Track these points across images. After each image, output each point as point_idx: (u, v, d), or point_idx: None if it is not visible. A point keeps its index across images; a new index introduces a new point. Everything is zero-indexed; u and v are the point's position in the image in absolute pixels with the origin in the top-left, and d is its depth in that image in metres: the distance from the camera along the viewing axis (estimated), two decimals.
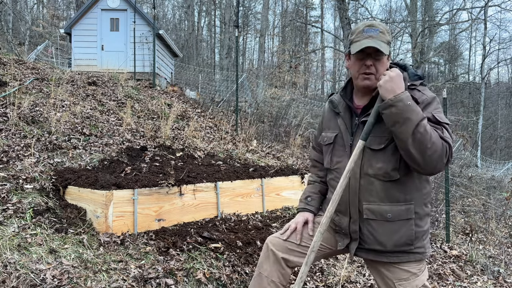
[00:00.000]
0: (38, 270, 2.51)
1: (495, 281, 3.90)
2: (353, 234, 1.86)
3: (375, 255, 1.83)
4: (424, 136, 1.58)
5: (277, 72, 20.78)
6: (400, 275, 1.81)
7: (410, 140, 1.60)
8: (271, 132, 9.03)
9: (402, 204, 1.75)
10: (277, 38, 31.74)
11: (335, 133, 1.92)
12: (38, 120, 5.08)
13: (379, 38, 1.72)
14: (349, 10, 16.90)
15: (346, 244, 1.90)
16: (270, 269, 1.98)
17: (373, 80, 1.76)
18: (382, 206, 1.76)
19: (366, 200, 1.78)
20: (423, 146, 1.58)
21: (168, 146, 5.52)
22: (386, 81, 1.65)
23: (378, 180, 1.75)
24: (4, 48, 14.62)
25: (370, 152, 1.76)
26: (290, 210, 4.64)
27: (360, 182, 1.79)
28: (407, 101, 1.61)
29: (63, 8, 28.53)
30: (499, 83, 34.58)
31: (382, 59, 1.75)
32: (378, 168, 1.74)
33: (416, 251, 1.79)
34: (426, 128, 1.59)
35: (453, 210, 7.12)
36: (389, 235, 1.76)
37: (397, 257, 1.79)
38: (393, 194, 1.75)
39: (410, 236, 1.76)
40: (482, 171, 17.53)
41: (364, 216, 1.79)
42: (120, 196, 3.24)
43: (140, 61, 11.90)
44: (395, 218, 1.75)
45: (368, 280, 3.39)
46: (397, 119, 1.61)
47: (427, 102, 1.72)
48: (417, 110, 1.61)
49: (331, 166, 1.93)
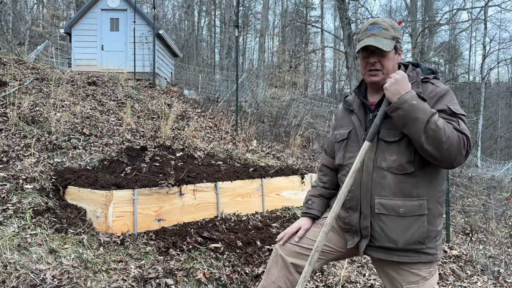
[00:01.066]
0: (38, 270, 2.51)
1: (495, 281, 3.90)
2: (363, 230, 1.80)
3: (386, 253, 1.77)
4: (437, 132, 1.56)
5: (277, 72, 20.78)
6: (410, 278, 1.76)
7: (423, 138, 1.59)
8: (271, 132, 9.03)
9: (415, 199, 1.71)
10: (277, 38, 31.75)
11: (349, 129, 1.91)
12: (38, 120, 5.08)
13: (381, 35, 1.73)
14: (349, 10, 16.91)
15: (356, 242, 1.84)
16: (277, 274, 1.96)
17: (380, 76, 1.77)
18: (394, 201, 1.72)
19: (378, 194, 1.75)
20: (438, 142, 1.57)
21: (168, 146, 5.52)
22: (391, 83, 1.66)
23: (391, 173, 1.72)
24: (4, 48, 14.62)
25: (384, 145, 1.74)
26: (290, 210, 4.64)
27: (372, 175, 1.76)
28: (411, 101, 1.60)
29: (63, 8, 28.53)
30: (499, 83, 34.57)
31: (387, 55, 1.75)
32: (392, 161, 1.72)
33: (428, 251, 1.74)
34: (437, 124, 1.57)
35: (453, 210, 7.12)
36: (401, 232, 1.72)
37: (408, 256, 1.74)
38: (406, 188, 1.72)
39: (422, 234, 1.71)
40: (482, 171, 17.52)
41: (376, 211, 1.75)
42: (120, 196, 3.23)
43: (140, 61, 11.90)
44: (408, 214, 1.71)
45: (368, 280, 3.39)
46: (406, 120, 1.61)
47: (441, 94, 1.70)
48: (425, 108, 1.60)
49: (343, 162, 1.90)
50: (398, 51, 1.80)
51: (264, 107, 11.13)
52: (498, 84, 34.47)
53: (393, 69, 1.79)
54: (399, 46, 1.80)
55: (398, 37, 1.78)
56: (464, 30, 26.03)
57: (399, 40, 1.79)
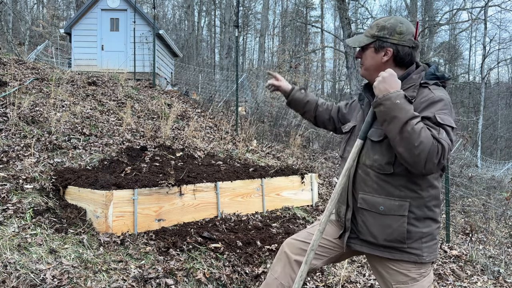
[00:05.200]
0: (38, 270, 2.51)
1: (495, 281, 3.90)
2: (347, 222, 1.87)
3: (369, 247, 1.83)
4: (411, 135, 1.56)
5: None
6: (399, 278, 1.79)
7: (397, 139, 1.60)
8: (271, 132, 9.03)
9: (396, 199, 1.74)
10: (277, 38, 31.74)
11: (354, 124, 1.97)
12: (38, 120, 5.08)
13: (364, 33, 1.87)
14: (349, 10, 16.91)
15: (340, 234, 1.92)
16: (280, 271, 1.98)
17: (362, 70, 1.91)
18: (375, 198, 1.77)
19: (362, 190, 1.81)
20: (410, 145, 1.56)
21: (168, 146, 5.52)
22: (379, 81, 1.68)
23: (374, 171, 1.77)
24: (4, 48, 14.62)
25: (370, 143, 1.79)
26: (290, 210, 4.64)
27: (357, 171, 1.82)
28: (395, 100, 1.61)
29: (63, 8, 28.54)
30: (499, 83, 34.56)
31: (365, 52, 1.86)
32: (374, 160, 1.76)
33: (411, 251, 1.75)
34: (414, 127, 1.56)
35: (453, 210, 7.12)
36: (381, 228, 1.76)
37: (389, 252, 1.78)
38: (387, 187, 1.75)
39: (402, 234, 1.73)
40: (482, 171, 17.53)
41: (359, 205, 1.81)
42: (120, 196, 3.24)
43: (140, 61, 11.90)
44: (387, 212, 1.75)
45: (368, 280, 3.39)
46: (385, 117, 1.63)
47: (431, 101, 1.68)
48: (407, 109, 1.60)
49: (342, 153, 1.98)
50: (386, 50, 1.79)
51: (264, 107, 11.13)
52: (498, 84, 34.47)
53: (376, 67, 1.82)
54: (383, 44, 1.79)
55: (380, 36, 1.79)
56: (464, 30, 26.05)
57: (383, 39, 1.78)
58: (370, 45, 1.83)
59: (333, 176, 6.99)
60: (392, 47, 1.79)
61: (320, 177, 6.47)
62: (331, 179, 6.67)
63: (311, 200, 5.11)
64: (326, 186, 6.20)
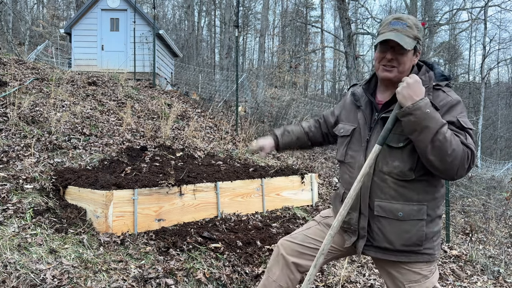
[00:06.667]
0: (38, 270, 2.51)
1: (495, 281, 3.90)
2: (361, 230, 1.81)
3: (384, 253, 1.79)
4: (444, 144, 1.54)
5: (277, 72, 20.79)
6: (411, 277, 1.78)
7: (429, 148, 1.57)
8: (271, 132, 9.01)
9: (414, 204, 1.71)
10: (277, 38, 31.75)
11: (354, 127, 1.88)
12: (38, 120, 5.08)
13: (404, 32, 1.68)
14: (349, 10, 16.89)
15: (353, 242, 1.86)
16: (278, 274, 1.97)
17: (395, 73, 1.73)
18: (393, 204, 1.73)
19: (378, 197, 1.75)
20: (443, 154, 1.55)
21: (168, 146, 5.52)
22: (403, 87, 1.61)
23: (392, 178, 1.72)
24: (4, 48, 14.62)
25: (387, 149, 1.72)
26: (290, 210, 4.64)
27: (373, 179, 1.76)
28: (425, 109, 1.56)
29: (63, 8, 28.53)
30: (499, 83, 34.57)
31: (405, 53, 1.70)
32: (394, 167, 1.71)
33: (425, 252, 1.76)
34: (445, 136, 1.55)
35: (453, 210, 7.12)
36: (399, 234, 1.73)
37: (406, 256, 1.76)
38: (406, 193, 1.71)
39: (420, 237, 1.72)
40: (482, 171, 17.54)
41: (375, 213, 1.76)
42: (120, 196, 3.24)
43: (140, 61, 11.90)
44: (406, 218, 1.72)
45: (368, 280, 3.39)
46: (415, 127, 1.58)
47: (451, 104, 1.67)
48: (436, 117, 1.57)
49: (344, 159, 1.90)
50: (417, 53, 1.75)
51: (264, 107, 11.13)
52: (498, 84, 34.47)
53: (408, 69, 1.75)
54: (419, 48, 1.74)
55: (419, 38, 1.73)
56: (464, 30, 26.06)
57: (420, 42, 1.74)
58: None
59: (333, 176, 6.99)
60: (420, 49, 1.75)
61: (320, 177, 6.47)
62: (331, 179, 6.67)
63: (311, 200, 5.11)
64: (326, 186, 6.20)
